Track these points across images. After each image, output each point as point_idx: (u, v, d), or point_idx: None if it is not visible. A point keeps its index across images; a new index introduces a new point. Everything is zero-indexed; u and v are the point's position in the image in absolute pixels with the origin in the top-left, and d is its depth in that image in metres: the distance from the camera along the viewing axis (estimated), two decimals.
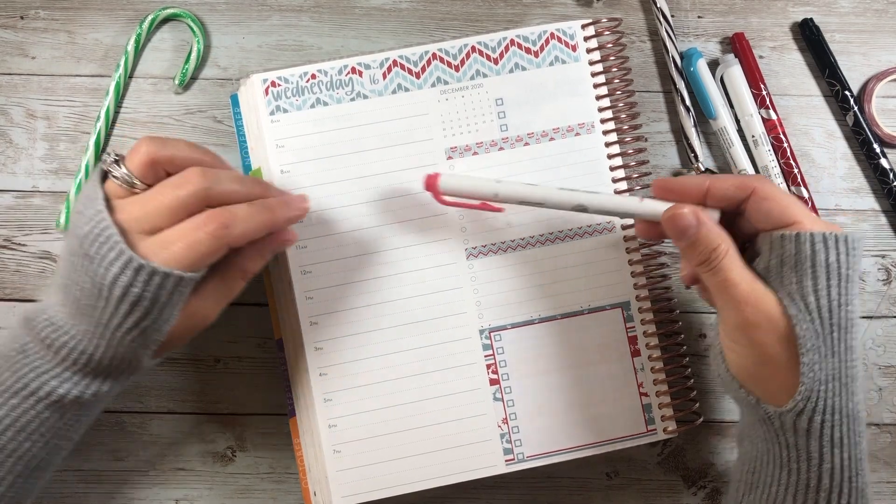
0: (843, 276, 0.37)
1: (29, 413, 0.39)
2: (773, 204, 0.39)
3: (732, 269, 0.39)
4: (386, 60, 0.48)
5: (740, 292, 0.38)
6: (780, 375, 0.38)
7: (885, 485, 0.52)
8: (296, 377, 0.48)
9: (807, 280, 0.37)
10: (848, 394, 0.37)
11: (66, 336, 0.39)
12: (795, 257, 0.37)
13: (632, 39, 0.53)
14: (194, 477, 0.50)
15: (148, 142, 0.39)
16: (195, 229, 0.38)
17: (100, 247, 0.37)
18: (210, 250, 0.38)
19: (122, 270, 0.36)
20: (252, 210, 0.39)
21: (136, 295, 0.37)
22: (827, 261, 0.37)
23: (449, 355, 0.47)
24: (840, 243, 0.37)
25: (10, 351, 0.39)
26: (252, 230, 0.39)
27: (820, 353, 0.37)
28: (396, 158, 0.47)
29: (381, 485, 0.46)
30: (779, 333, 0.37)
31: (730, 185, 0.40)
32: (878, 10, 0.53)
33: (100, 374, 0.40)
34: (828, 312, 0.37)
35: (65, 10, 0.51)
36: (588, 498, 0.51)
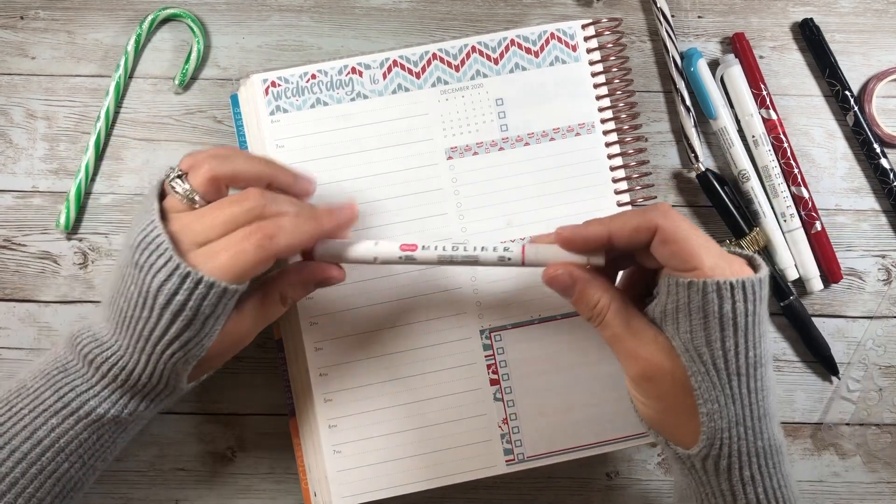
0: (739, 326, 0.35)
1: (69, 433, 0.39)
2: (672, 247, 0.36)
3: (617, 323, 0.38)
4: (386, 60, 0.48)
5: (628, 347, 0.38)
6: (683, 422, 0.38)
7: (885, 485, 0.52)
8: (296, 377, 0.48)
9: (699, 331, 0.36)
10: (756, 434, 0.36)
11: (109, 351, 0.39)
12: (689, 306, 0.36)
13: (632, 39, 0.53)
14: (194, 477, 0.50)
15: (210, 159, 0.39)
16: (241, 240, 0.37)
17: (150, 255, 0.37)
18: (256, 260, 0.37)
19: (168, 277, 0.36)
20: (298, 221, 0.39)
21: (179, 303, 0.36)
22: (720, 311, 0.35)
23: (449, 355, 0.47)
24: (737, 291, 0.35)
25: (52, 369, 0.40)
26: (298, 241, 0.39)
27: (719, 402, 0.36)
28: (396, 158, 0.47)
29: (381, 485, 0.46)
30: (676, 384, 0.37)
31: (630, 228, 0.38)
32: (878, 10, 0.53)
33: (138, 393, 0.40)
34: (723, 363, 0.36)
35: (65, 10, 0.51)
36: (588, 498, 0.51)
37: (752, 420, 0.36)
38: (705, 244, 0.36)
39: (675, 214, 0.37)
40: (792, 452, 0.52)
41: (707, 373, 0.36)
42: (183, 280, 0.36)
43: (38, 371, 0.40)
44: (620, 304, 0.39)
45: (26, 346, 0.50)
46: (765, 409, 0.37)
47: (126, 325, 0.38)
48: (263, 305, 0.41)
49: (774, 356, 0.52)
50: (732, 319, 0.35)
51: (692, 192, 0.52)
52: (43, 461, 0.38)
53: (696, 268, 0.36)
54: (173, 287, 0.36)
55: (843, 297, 0.52)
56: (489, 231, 0.48)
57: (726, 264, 0.36)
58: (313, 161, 0.47)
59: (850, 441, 0.52)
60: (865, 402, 0.52)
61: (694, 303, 0.36)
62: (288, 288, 0.42)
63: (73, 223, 0.50)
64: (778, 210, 0.51)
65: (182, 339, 0.37)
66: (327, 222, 0.40)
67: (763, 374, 0.36)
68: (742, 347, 0.36)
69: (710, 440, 0.36)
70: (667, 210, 0.38)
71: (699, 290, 0.35)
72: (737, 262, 0.37)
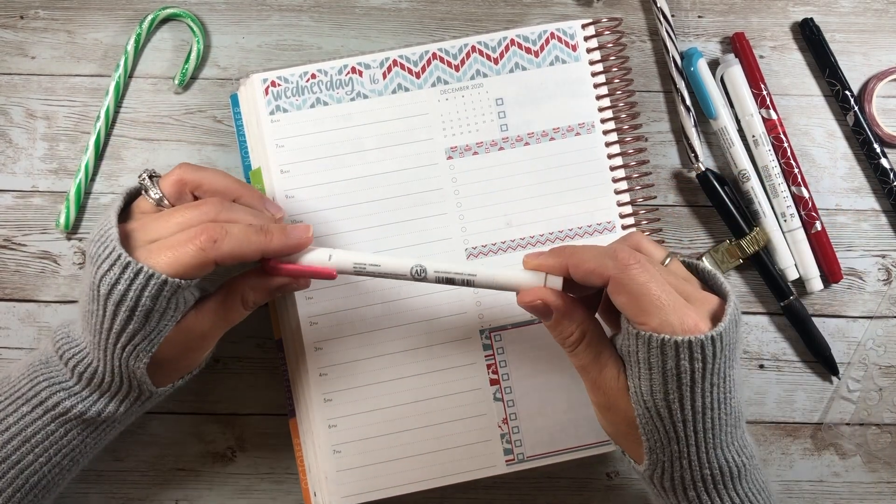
0: (683, 382, 0.35)
1: (36, 423, 0.40)
2: (623, 299, 0.36)
3: (586, 356, 0.39)
4: (386, 60, 0.48)
5: (592, 378, 0.39)
6: (634, 446, 0.39)
7: (885, 485, 0.52)
8: (296, 377, 0.48)
9: (646, 380, 0.36)
10: (700, 464, 0.37)
11: (76, 349, 0.40)
12: (637, 355, 0.36)
13: (632, 39, 0.53)
14: (194, 477, 0.50)
15: (183, 165, 0.41)
16: (186, 241, 0.38)
17: (98, 247, 0.38)
18: (195, 262, 0.38)
19: (110, 267, 0.37)
20: (248, 231, 0.39)
21: (120, 293, 0.37)
22: (663, 367, 0.35)
23: (449, 355, 0.47)
24: (682, 350, 0.35)
25: (36, 362, 0.41)
26: (241, 251, 0.38)
27: (662, 441, 0.37)
28: (396, 158, 0.47)
29: (381, 485, 0.46)
30: (627, 418, 0.38)
31: (584, 270, 0.37)
32: (878, 10, 0.53)
33: (106, 392, 0.40)
34: (667, 412, 0.36)
35: (65, 10, 0.51)
36: (588, 498, 0.51)
37: (696, 454, 0.37)
38: (658, 298, 0.36)
39: (632, 266, 0.36)
40: (792, 452, 0.52)
41: (651, 417, 0.37)
42: (123, 270, 0.37)
43: (24, 363, 0.42)
44: (592, 337, 0.39)
45: (26, 346, 0.50)
46: (716, 443, 0.37)
47: (86, 321, 0.39)
48: (224, 307, 0.41)
49: (774, 356, 0.52)
50: (676, 376, 0.35)
51: (692, 192, 0.52)
52: (8, 449, 0.39)
53: (644, 323, 0.36)
54: (114, 277, 0.37)
55: (843, 297, 0.52)
56: (489, 231, 0.48)
57: (678, 320, 0.35)
58: (313, 161, 0.47)
59: (850, 441, 0.52)
60: (865, 402, 0.52)
61: (641, 353, 0.36)
62: (249, 291, 0.41)
63: (73, 223, 0.50)
64: (778, 210, 0.51)
65: (128, 331, 0.38)
66: (277, 240, 0.40)
67: (715, 415, 0.36)
68: (687, 399, 0.36)
69: (653, 466, 0.38)
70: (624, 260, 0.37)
71: (645, 342, 0.36)
72: (692, 316, 0.36)
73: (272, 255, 0.40)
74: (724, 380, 0.36)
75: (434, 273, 0.40)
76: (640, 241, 0.40)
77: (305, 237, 0.41)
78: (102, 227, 0.39)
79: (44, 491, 0.41)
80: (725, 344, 0.36)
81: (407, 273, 0.40)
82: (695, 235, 0.52)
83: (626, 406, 0.38)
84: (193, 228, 0.38)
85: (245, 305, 0.42)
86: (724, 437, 0.37)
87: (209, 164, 0.51)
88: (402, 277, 0.41)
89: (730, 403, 0.37)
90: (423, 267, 0.40)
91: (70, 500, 0.49)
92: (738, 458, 0.38)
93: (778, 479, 0.51)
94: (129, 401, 0.41)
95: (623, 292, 0.36)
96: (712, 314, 0.37)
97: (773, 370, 0.52)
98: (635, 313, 0.36)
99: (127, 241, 0.38)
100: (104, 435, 0.42)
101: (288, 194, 0.47)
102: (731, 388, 0.37)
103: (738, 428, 0.38)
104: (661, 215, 0.51)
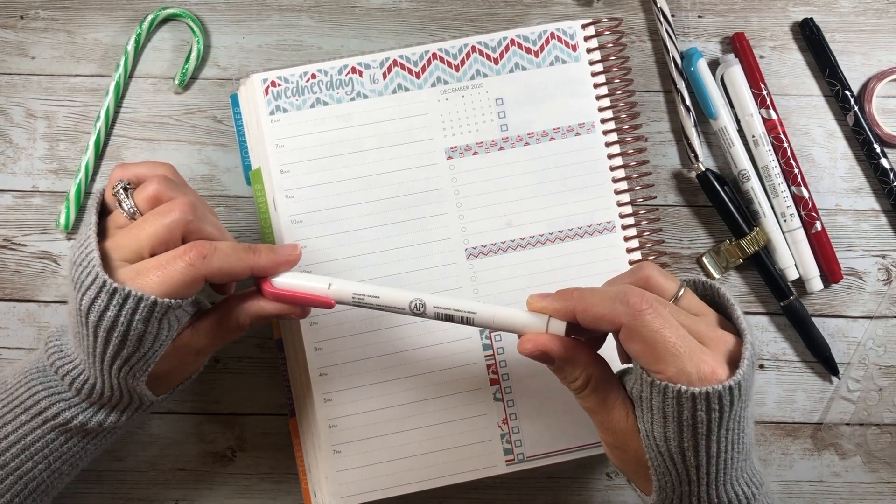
0: (699, 431, 0.35)
1: (35, 432, 0.39)
2: (637, 347, 0.35)
3: (592, 399, 0.38)
4: (386, 60, 0.48)
5: (600, 420, 0.39)
6: (641, 480, 0.39)
7: (885, 485, 0.52)
8: (296, 377, 0.48)
9: (659, 427, 0.35)
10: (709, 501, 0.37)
11: (70, 365, 0.39)
12: (651, 402, 0.35)
13: (632, 39, 0.53)
14: (194, 477, 0.50)
15: (160, 179, 0.39)
16: (174, 258, 0.37)
17: (81, 272, 0.37)
18: (185, 279, 0.37)
19: (96, 295, 0.36)
20: (236, 247, 0.39)
21: (110, 320, 0.36)
22: (678, 416, 0.35)
23: (449, 355, 0.47)
24: (699, 402, 0.34)
25: (32, 368, 0.40)
26: (230, 267, 0.38)
27: (673, 482, 0.36)
28: (396, 158, 0.47)
29: (381, 485, 0.46)
30: (637, 458, 0.37)
31: (593, 316, 0.36)
32: (878, 10, 0.53)
33: (105, 405, 0.40)
34: (680, 457, 0.35)
35: (65, 10, 0.51)
36: (588, 498, 0.51)
37: (707, 492, 0.37)
38: (674, 346, 0.35)
39: (645, 312, 0.35)
40: (792, 452, 0.52)
41: (663, 460, 0.36)
42: (111, 296, 0.36)
43: (20, 369, 0.41)
44: (598, 381, 0.38)
45: (26, 346, 0.50)
46: (727, 478, 0.37)
47: (77, 342, 0.38)
48: (220, 326, 0.41)
49: (774, 356, 0.52)
50: (692, 426, 0.35)
51: (692, 192, 0.52)
52: (7, 456, 0.39)
53: (660, 372, 0.35)
54: (102, 304, 0.36)
55: (843, 297, 0.52)
56: (489, 231, 0.48)
57: (695, 368, 0.34)
58: (313, 161, 0.47)
59: (850, 441, 0.52)
60: (865, 402, 0.52)
61: (655, 401, 0.35)
62: (245, 317, 0.40)
63: (73, 223, 0.50)
64: (778, 210, 0.51)
65: (122, 355, 0.37)
66: (265, 257, 0.39)
67: (728, 457, 0.36)
68: (703, 448, 0.35)
69: (662, 501, 0.38)
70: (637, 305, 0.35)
71: (661, 391, 0.35)
72: (709, 362, 0.35)
73: (260, 272, 0.40)
74: (739, 422, 0.36)
75: (433, 309, 0.39)
76: (651, 274, 0.38)
77: (294, 254, 0.40)
78: (83, 248, 0.37)
79: (42, 495, 0.41)
80: (743, 390, 0.35)
81: (406, 307, 0.40)
82: (695, 235, 0.52)
83: (637, 446, 0.37)
84: (181, 247, 0.37)
85: (239, 328, 0.41)
86: (734, 472, 0.37)
87: (209, 163, 0.51)
88: (400, 311, 0.40)
89: (742, 441, 0.36)
90: (423, 302, 0.39)
91: (70, 500, 0.49)
92: (748, 489, 0.37)
93: (778, 479, 0.51)
94: (129, 410, 0.41)
95: (637, 340, 0.35)
96: (729, 357, 0.36)
97: (773, 370, 0.52)
98: (650, 361, 0.35)
99: (107, 262, 0.37)
100: (104, 441, 0.42)
101: (288, 194, 0.47)
102: (744, 427, 0.36)
103: (748, 460, 0.37)
104: (661, 215, 0.51)
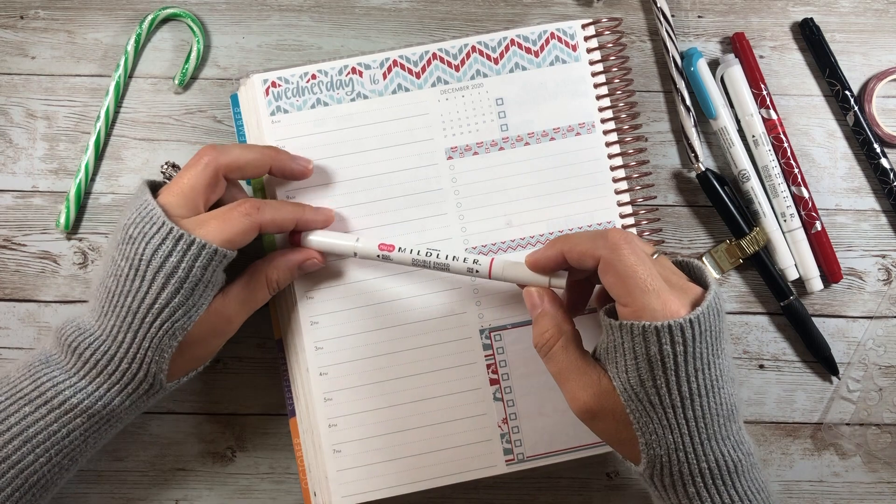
0: (668, 366, 0.36)
1: (38, 423, 0.40)
2: (611, 280, 0.37)
3: (562, 359, 0.39)
4: (386, 60, 0.48)
5: (571, 388, 0.39)
6: (628, 447, 0.39)
7: (885, 485, 0.52)
8: (296, 377, 0.48)
9: (633, 371, 0.37)
10: (697, 457, 0.37)
11: (91, 337, 0.41)
12: (622, 346, 0.37)
13: (632, 39, 0.53)
14: (194, 477, 0.50)
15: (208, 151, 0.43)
16: (230, 210, 0.41)
17: (143, 226, 0.40)
18: (242, 228, 0.41)
19: (162, 241, 0.39)
20: (283, 202, 0.44)
21: (173, 265, 0.39)
22: (647, 353, 0.36)
23: (449, 355, 0.47)
24: (663, 335, 0.35)
25: (35, 361, 0.41)
26: (280, 217, 0.43)
27: (657, 433, 0.37)
28: (397, 158, 0.47)
29: (381, 485, 0.46)
30: (617, 419, 0.38)
31: (577, 252, 0.39)
32: (878, 10, 0.53)
33: (117, 383, 0.41)
34: (657, 398, 0.36)
35: (65, 10, 0.51)
36: (588, 498, 0.51)
37: (692, 445, 0.37)
38: (644, 282, 0.36)
39: (622, 247, 0.37)
40: (792, 452, 0.52)
41: (644, 408, 0.37)
42: (176, 242, 0.39)
43: (22, 363, 0.42)
44: (569, 341, 0.40)
45: (26, 346, 0.50)
46: (710, 433, 0.37)
47: (114, 305, 0.40)
48: (249, 288, 0.44)
49: (774, 356, 0.52)
50: (660, 360, 0.36)
51: (692, 192, 0.52)
52: (8, 449, 0.39)
53: (627, 305, 0.37)
54: (167, 249, 0.39)
55: (843, 297, 0.52)
56: (489, 231, 0.48)
57: (661, 305, 0.36)
58: (313, 161, 0.47)
59: (850, 441, 0.52)
60: (865, 402, 0.52)
61: (626, 343, 0.37)
62: (273, 270, 0.44)
63: (73, 223, 0.50)
64: (778, 210, 0.51)
65: (172, 304, 0.39)
66: (309, 212, 0.45)
67: (705, 402, 0.37)
68: (674, 384, 0.36)
69: (651, 463, 0.38)
70: (616, 241, 0.38)
71: (628, 331, 0.36)
72: (675, 301, 0.36)
73: (304, 226, 0.45)
74: (709, 367, 0.37)
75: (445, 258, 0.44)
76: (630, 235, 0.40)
77: (331, 214, 0.46)
78: (141, 207, 0.40)
79: (42, 490, 0.41)
80: (705, 329, 0.36)
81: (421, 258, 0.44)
82: (695, 235, 0.52)
83: (614, 405, 0.38)
84: (234, 203, 0.42)
85: (269, 286, 0.44)
86: (717, 427, 0.37)
87: None
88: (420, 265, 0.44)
89: (719, 394, 0.37)
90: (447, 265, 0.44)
91: (70, 500, 0.49)
92: (735, 453, 0.37)
93: (778, 479, 0.52)
94: (137, 393, 0.41)
95: (611, 272, 0.37)
96: (694, 302, 0.37)
97: (773, 370, 0.52)
98: (621, 294, 0.37)
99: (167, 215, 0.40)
100: (105, 433, 0.42)
101: (288, 194, 0.47)
102: (717, 377, 0.37)
103: (732, 422, 0.38)
104: (661, 215, 0.51)
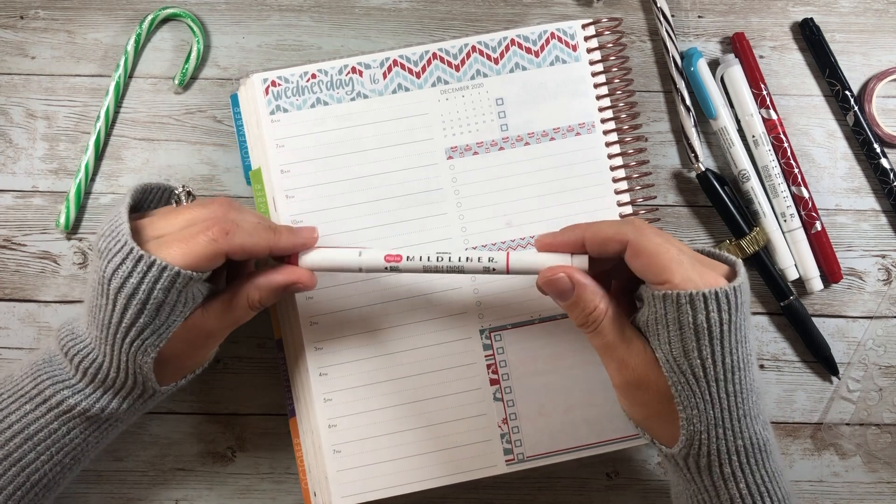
0: (714, 335, 0.36)
1: (38, 421, 0.40)
2: (644, 260, 0.37)
3: (611, 331, 0.39)
4: (386, 60, 0.48)
5: (618, 356, 0.39)
6: (666, 425, 0.39)
7: (885, 485, 0.52)
8: (296, 377, 0.48)
9: (676, 342, 0.37)
10: (735, 433, 0.37)
11: (81, 345, 0.40)
12: (666, 318, 0.37)
13: (632, 39, 0.53)
14: (194, 477, 0.50)
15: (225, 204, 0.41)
16: (197, 233, 0.39)
17: (108, 242, 0.38)
18: (206, 252, 0.38)
19: (122, 261, 0.38)
20: (258, 226, 0.41)
21: (132, 287, 0.37)
22: (694, 322, 0.36)
23: (449, 355, 0.47)
24: (710, 302, 0.36)
25: (39, 360, 0.41)
26: (251, 244, 0.40)
27: (698, 408, 0.37)
28: (397, 158, 0.47)
29: (381, 485, 0.46)
30: (660, 393, 0.38)
31: (602, 238, 0.39)
32: (878, 10, 0.53)
33: (110, 388, 0.41)
34: (701, 371, 0.36)
35: (65, 10, 0.51)
36: (588, 498, 0.51)
37: (730, 421, 0.37)
38: (677, 257, 0.37)
39: (647, 229, 0.38)
40: (792, 452, 0.52)
41: (686, 381, 0.37)
42: (136, 263, 0.37)
43: (27, 362, 0.42)
44: (615, 313, 0.40)
45: (26, 346, 0.50)
46: (745, 410, 0.37)
47: (92, 317, 0.40)
48: (230, 306, 0.42)
49: (774, 356, 0.52)
50: (707, 329, 0.36)
51: (692, 192, 0.52)
52: (10, 447, 0.39)
53: (667, 281, 0.37)
54: (126, 270, 0.38)
55: (843, 297, 0.52)
56: (489, 231, 0.48)
57: (698, 276, 0.37)
58: (313, 161, 0.47)
59: (850, 441, 0.52)
60: (865, 402, 0.52)
61: (670, 315, 0.37)
62: (254, 290, 0.42)
63: (73, 223, 0.50)
64: (778, 210, 0.51)
65: (137, 325, 0.38)
66: (284, 238, 0.42)
67: (742, 377, 0.37)
68: (718, 355, 0.36)
69: (689, 441, 0.38)
70: (640, 225, 0.39)
71: (673, 301, 0.36)
72: (710, 274, 0.37)
73: (279, 252, 0.42)
74: (746, 340, 0.37)
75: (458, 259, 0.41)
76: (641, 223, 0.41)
77: (312, 237, 0.43)
78: (112, 222, 0.39)
79: (45, 489, 0.41)
80: (743, 301, 0.37)
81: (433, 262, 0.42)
82: (695, 235, 0.52)
83: (657, 378, 0.38)
84: (205, 221, 0.39)
85: (251, 305, 0.42)
86: (752, 405, 0.37)
87: (209, 163, 0.51)
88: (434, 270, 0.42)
89: (752, 369, 0.38)
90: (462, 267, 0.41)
91: (70, 500, 0.49)
92: (764, 432, 0.38)
93: None
94: (132, 398, 0.41)
95: (643, 254, 0.37)
96: (725, 275, 0.38)
97: (773, 370, 0.52)
98: (656, 273, 0.37)
99: (137, 236, 0.39)
100: (106, 433, 0.42)
101: (288, 194, 0.47)
102: (752, 351, 0.38)
103: (761, 400, 0.38)
104: (661, 215, 0.51)
